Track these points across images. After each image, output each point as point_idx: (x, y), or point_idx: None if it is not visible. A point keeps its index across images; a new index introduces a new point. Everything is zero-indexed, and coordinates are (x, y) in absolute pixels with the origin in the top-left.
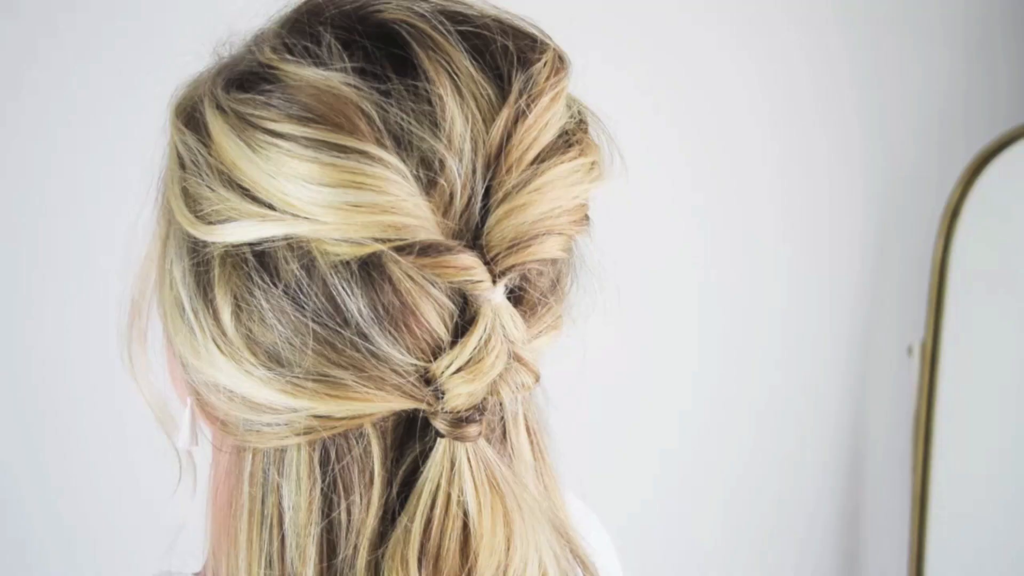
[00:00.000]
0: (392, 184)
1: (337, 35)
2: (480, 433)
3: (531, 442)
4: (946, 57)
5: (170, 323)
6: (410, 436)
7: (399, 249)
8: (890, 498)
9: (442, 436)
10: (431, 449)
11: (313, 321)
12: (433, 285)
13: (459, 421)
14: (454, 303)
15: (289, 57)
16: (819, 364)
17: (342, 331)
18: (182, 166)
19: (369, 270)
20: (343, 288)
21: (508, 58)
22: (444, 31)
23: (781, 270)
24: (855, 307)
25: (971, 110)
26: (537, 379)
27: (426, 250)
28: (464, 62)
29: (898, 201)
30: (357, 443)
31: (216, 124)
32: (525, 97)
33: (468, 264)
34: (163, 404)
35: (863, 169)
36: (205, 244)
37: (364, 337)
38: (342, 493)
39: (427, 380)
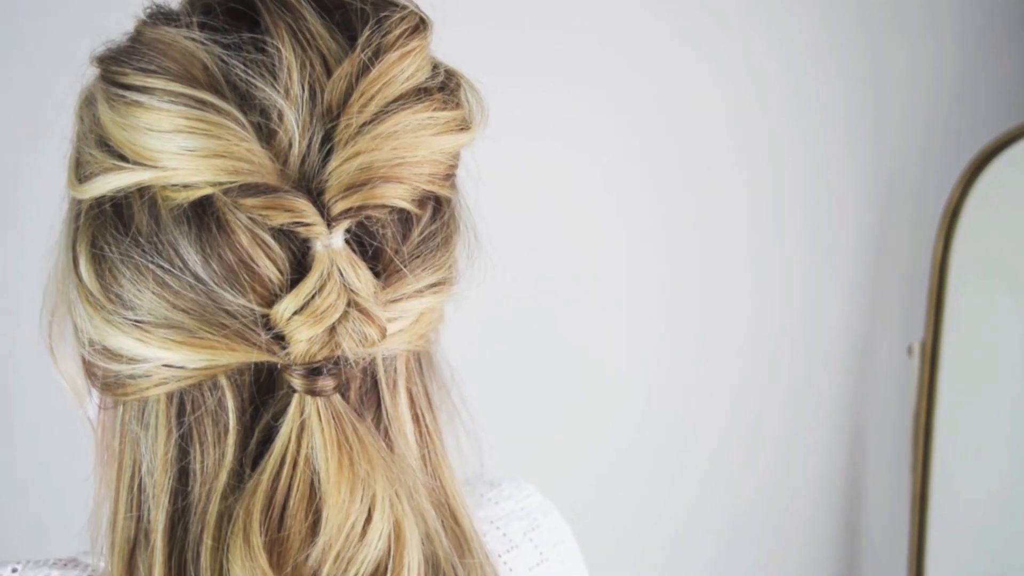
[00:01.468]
0: (225, 130)
1: (192, 0)
2: (334, 388)
3: (415, 417)
4: (946, 57)
5: (58, 284)
6: (268, 392)
7: (230, 192)
8: (890, 498)
9: (295, 391)
10: (288, 406)
11: (156, 266)
12: (263, 227)
13: (311, 373)
14: (292, 248)
15: (148, 21)
16: (819, 364)
17: (180, 275)
18: (77, 139)
19: (203, 214)
20: (179, 232)
21: (363, 19)
22: None
23: (781, 270)
24: (855, 307)
25: (971, 110)
26: (382, 334)
27: (254, 192)
28: (311, 19)
29: (898, 201)
30: (211, 395)
31: (95, 91)
32: (370, 52)
33: (297, 207)
34: (77, 378)
35: (863, 169)
36: (80, 203)
37: (199, 280)
38: (197, 444)
39: (268, 327)
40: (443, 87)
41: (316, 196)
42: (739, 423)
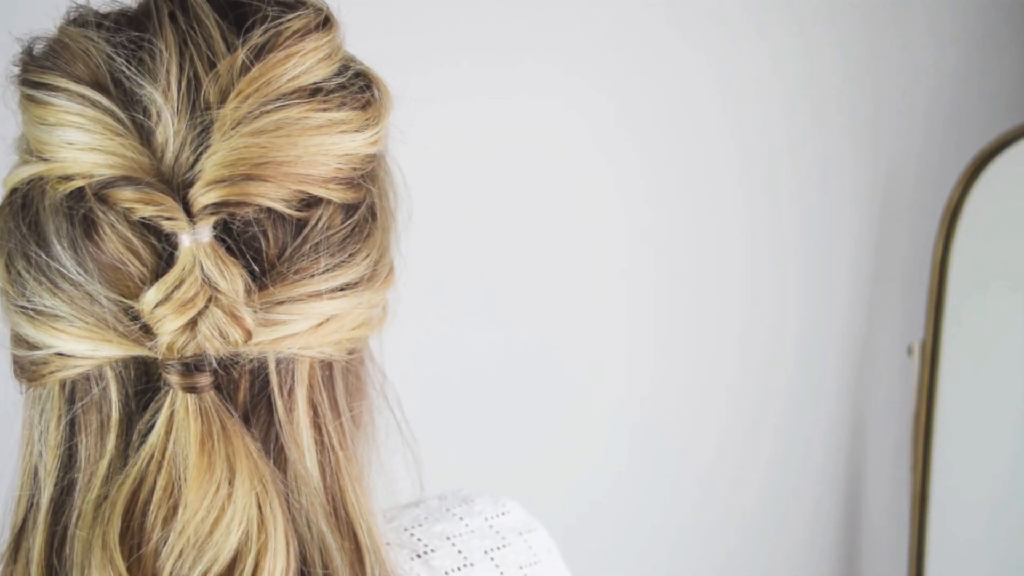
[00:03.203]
0: (100, 125)
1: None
2: (210, 386)
3: (315, 425)
4: (946, 57)
5: None
6: (153, 387)
7: (100, 185)
8: (890, 498)
9: (170, 387)
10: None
11: (37, 255)
12: (127, 221)
13: (185, 368)
14: (160, 242)
15: (62, 22)
16: (819, 364)
17: (57, 264)
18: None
19: (75, 206)
20: (55, 224)
21: (260, 18)
22: None
23: (781, 270)
24: (855, 307)
25: (971, 110)
26: (247, 336)
27: (123, 185)
28: (206, 20)
29: (898, 201)
30: (97, 386)
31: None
32: (253, 52)
33: (158, 199)
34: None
35: (863, 169)
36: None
37: (69, 270)
38: (83, 433)
39: (137, 318)
40: (342, 88)
41: (184, 191)
42: (739, 423)
